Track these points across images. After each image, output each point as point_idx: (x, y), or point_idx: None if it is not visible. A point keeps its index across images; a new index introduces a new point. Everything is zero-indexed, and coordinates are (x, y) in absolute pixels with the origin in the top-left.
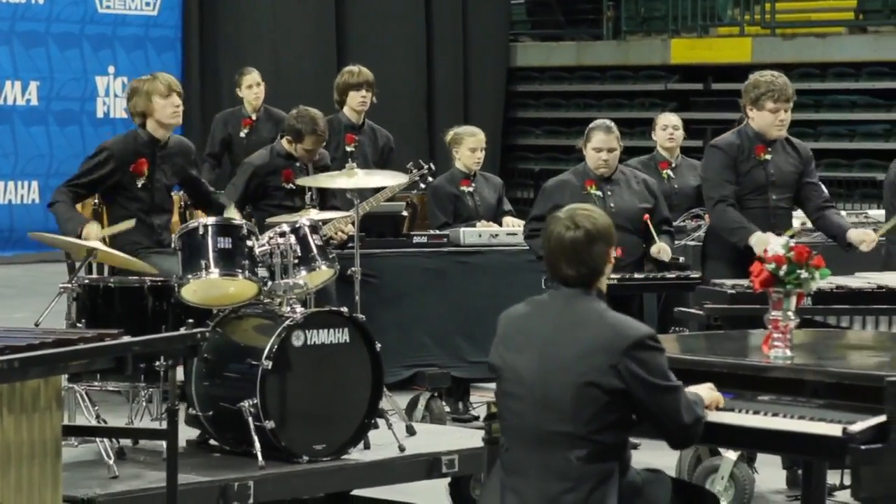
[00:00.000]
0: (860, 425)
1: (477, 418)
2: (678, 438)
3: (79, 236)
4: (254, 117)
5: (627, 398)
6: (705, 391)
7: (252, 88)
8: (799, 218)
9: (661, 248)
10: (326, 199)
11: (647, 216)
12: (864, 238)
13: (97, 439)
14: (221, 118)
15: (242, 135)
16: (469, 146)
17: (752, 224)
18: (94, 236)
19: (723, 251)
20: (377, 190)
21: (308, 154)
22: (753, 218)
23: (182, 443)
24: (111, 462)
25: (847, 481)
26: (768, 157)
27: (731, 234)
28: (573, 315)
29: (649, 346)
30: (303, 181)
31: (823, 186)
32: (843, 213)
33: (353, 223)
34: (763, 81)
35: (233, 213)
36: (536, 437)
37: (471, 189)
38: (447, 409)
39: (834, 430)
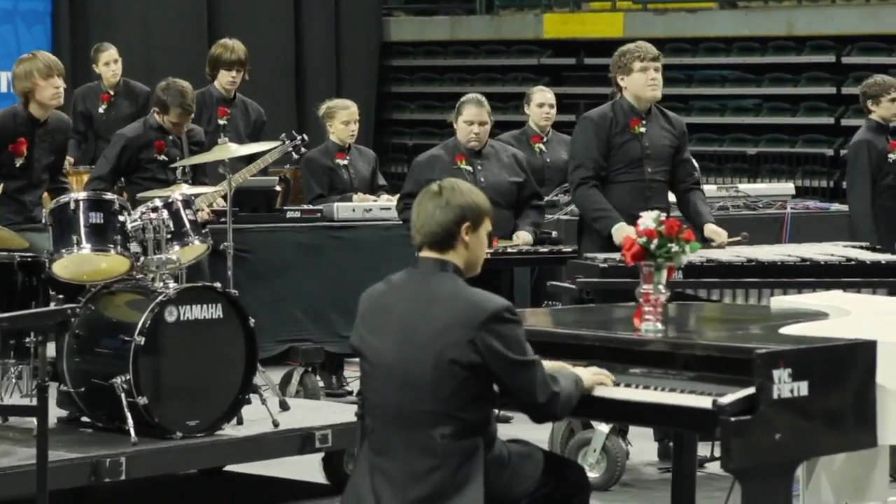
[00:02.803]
0: (730, 397)
1: (351, 393)
2: (534, 414)
3: None
4: (112, 93)
5: (486, 372)
6: (588, 373)
7: (109, 65)
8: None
9: (520, 237)
10: (198, 175)
11: (495, 241)
12: (715, 237)
13: None
14: (80, 93)
15: (101, 110)
16: (342, 119)
17: (620, 206)
18: None
19: None
20: (250, 160)
21: (175, 127)
22: (629, 192)
23: (53, 420)
24: None
25: (717, 453)
26: (643, 129)
27: (594, 221)
28: (430, 292)
29: (506, 318)
30: (179, 164)
31: (695, 163)
32: (714, 187)
33: (224, 197)
34: (627, 49)
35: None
36: (400, 416)
37: (345, 162)
38: (321, 384)
39: (704, 402)
